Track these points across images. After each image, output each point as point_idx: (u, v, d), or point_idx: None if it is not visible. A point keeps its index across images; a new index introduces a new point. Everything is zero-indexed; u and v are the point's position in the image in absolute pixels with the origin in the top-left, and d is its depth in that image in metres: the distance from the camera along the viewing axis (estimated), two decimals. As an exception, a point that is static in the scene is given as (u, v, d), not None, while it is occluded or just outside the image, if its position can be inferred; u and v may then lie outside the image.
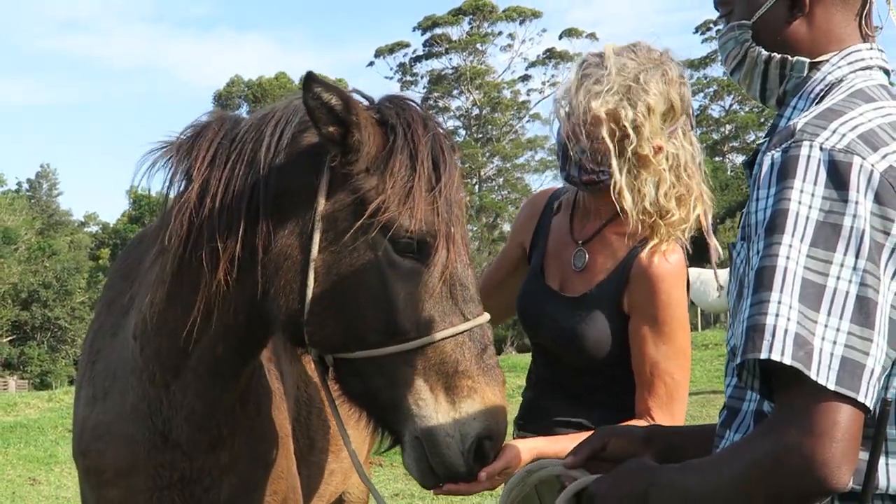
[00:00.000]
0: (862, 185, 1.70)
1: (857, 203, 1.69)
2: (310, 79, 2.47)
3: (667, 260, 2.95)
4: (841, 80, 1.93)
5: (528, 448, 2.72)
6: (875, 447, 1.72)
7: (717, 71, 67.03)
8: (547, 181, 63.81)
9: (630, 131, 2.87)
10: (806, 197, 1.71)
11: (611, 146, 2.88)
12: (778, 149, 1.78)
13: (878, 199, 1.71)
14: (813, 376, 1.64)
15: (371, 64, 69.73)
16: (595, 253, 3.08)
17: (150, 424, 2.87)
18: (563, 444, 2.72)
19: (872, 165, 1.72)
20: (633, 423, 2.88)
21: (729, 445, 1.80)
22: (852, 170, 1.71)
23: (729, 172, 60.05)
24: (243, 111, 67.36)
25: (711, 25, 64.81)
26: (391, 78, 68.44)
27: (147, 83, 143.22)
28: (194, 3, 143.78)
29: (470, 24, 66.23)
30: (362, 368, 2.52)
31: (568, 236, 3.16)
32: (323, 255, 2.51)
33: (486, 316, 2.56)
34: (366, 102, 2.64)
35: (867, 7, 2.00)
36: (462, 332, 2.49)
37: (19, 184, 76.02)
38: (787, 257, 1.69)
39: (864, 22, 2.00)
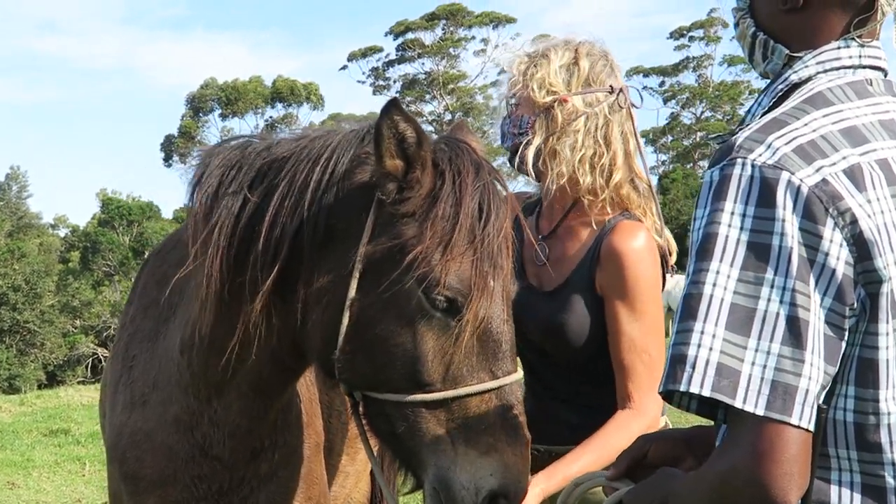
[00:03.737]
0: (789, 202, 1.69)
1: (783, 221, 1.69)
2: (393, 105, 2.42)
3: (632, 237, 2.99)
4: (806, 81, 1.90)
5: (534, 495, 2.71)
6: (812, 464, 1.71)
7: (689, 78, 67.48)
8: (519, 186, 63.84)
9: (535, 88, 3.03)
10: (736, 219, 1.71)
11: (525, 110, 3.08)
12: (717, 167, 1.77)
13: (806, 215, 1.69)
14: (738, 405, 1.66)
15: (344, 67, 69.65)
16: (561, 243, 3.15)
17: (190, 437, 2.87)
18: (560, 470, 2.80)
19: (801, 180, 1.70)
20: (618, 413, 2.93)
21: (707, 462, 1.82)
22: (779, 187, 1.70)
23: (700, 179, 60.37)
24: (216, 114, 67.25)
25: (684, 32, 65.28)
26: (363, 82, 68.49)
27: (121, 84, 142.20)
28: (169, 3, 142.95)
29: (443, 29, 66.27)
30: (388, 410, 2.51)
31: (535, 234, 3.23)
32: (359, 295, 2.48)
33: (518, 375, 2.52)
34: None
35: (873, 11, 1.92)
36: (489, 391, 2.45)
37: (-13, 185, 75.29)
38: (714, 284, 1.70)
39: (862, 24, 1.92)
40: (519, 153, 3.06)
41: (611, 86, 3.06)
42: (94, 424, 14.97)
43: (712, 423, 1.92)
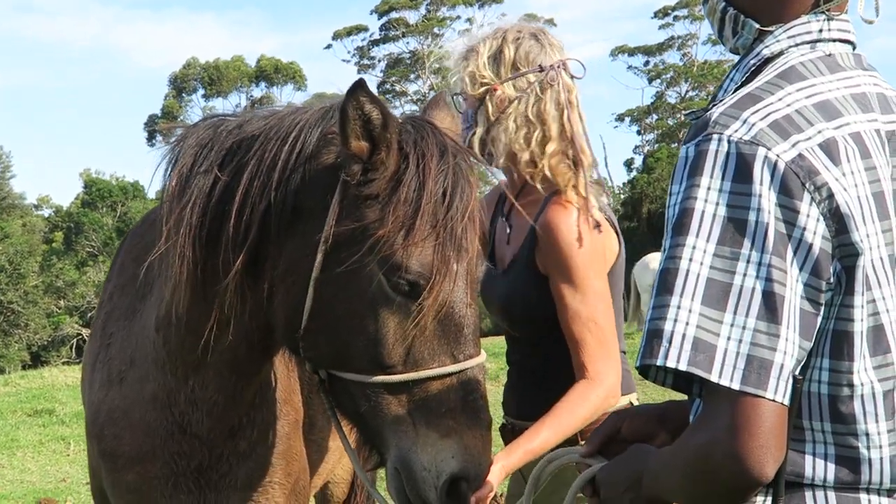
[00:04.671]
0: (765, 177, 1.69)
1: (760, 196, 1.69)
2: (359, 86, 2.41)
3: (562, 213, 3.04)
4: (778, 55, 1.89)
5: (496, 473, 2.74)
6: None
7: (673, 57, 67.44)
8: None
9: (468, 82, 3.13)
10: (713, 194, 1.71)
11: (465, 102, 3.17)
12: (692, 142, 1.78)
13: (783, 190, 1.69)
14: (714, 379, 1.67)
15: (329, 47, 69.26)
16: (515, 223, 3.23)
17: (168, 415, 2.88)
18: (521, 445, 2.86)
19: (777, 156, 1.70)
20: (576, 385, 2.97)
21: (682, 436, 1.83)
22: (756, 162, 1.70)
23: (685, 158, 60.31)
24: (199, 94, 66.90)
25: (669, 11, 65.19)
26: (348, 61, 68.06)
27: (102, 65, 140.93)
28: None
29: (427, 8, 66.00)
30: (352, 390, 2.52)
31: (501, 215, 3.33)
32: (323, 276, 2.49)
33: (480, 358, 2.53)
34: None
35: None
36: (450, 374, 2.47)
37: (-30, 166, 74.75)
38: (690, 259, 1.70)
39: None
40: (467, 144, 3.11)
41: (540, 65, 3.10)
42: (78, 404, 14.93)
43: (686, 397, 1.94)
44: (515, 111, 3.08)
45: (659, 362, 1.71)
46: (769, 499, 1.77)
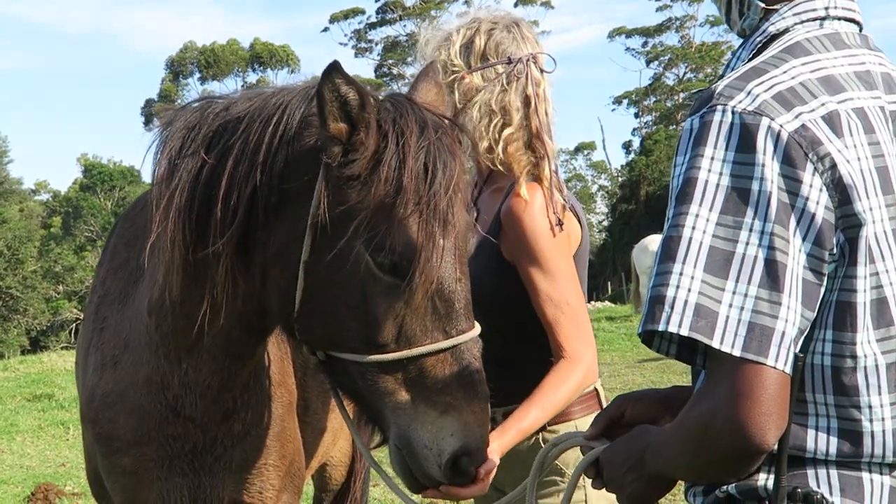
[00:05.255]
0: (769, 147, 1.71)
1: (763, 166, 1.70)
2: (333, 68, 2.39)
3: (525, 197, 3.06)
4: (784, 32, 1.90)
5: (494, 451, 2.75)
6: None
7: (671, 39, 67.32)
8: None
9: (440, 70, 3.11)
10: (716, 164, 1.72)
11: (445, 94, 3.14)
12: (697, 114, 1.79)
13: (786, 160, 1.70)
14: (715, 345, 1.68)
15: (325, 30, 69.24)
16: (482, 209, 3.24)
17: (161, 398, 2.88)
18: (512, 425, 2.91)
19: (781, 126, 1.71)
20: (556, 366, 3.01)
21: (683, 410, 1.83)
22: (759, 132, 1.71)
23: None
24: (196, 78, 66.80)
25: (667, -7, 64.97)
26: (345, 45, 68.06)
27: (98, 48, 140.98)
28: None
29: (425, -10, 65.83)
30: (350, 369, 2.53)
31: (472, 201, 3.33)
32: (312, 258, 2.48)
33: (473, 332, 2.53)
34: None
35: None
36: (443, 350, 2.46)
37: (-32, 151, 74.62)
38: (693, 227, 1.71)
39: None
40: None
41: (509, 57, 3.13)
42: (76, 390, 14.97)
43: (689, 383, 1.93)
44: (481, 100, 3.10)
45: (660, 327, 1.71)
46: (771, 476, 1.78)
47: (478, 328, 2.55)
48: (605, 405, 3.16)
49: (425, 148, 2.45)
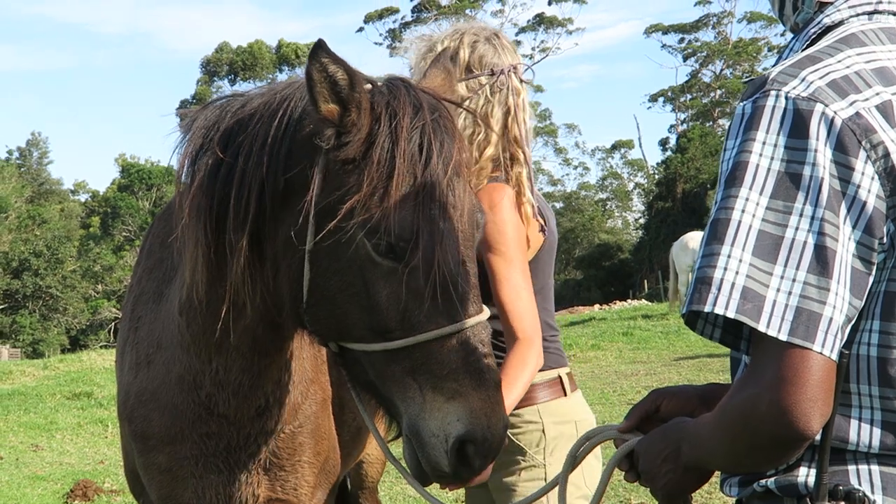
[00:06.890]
0: (822, 133, 1.70)
1: (815, 151, 1.69)
2: (318, 47, 2.36)
3: (497, 191, 3.15)
4: (839, 24, 1.90)
5: None
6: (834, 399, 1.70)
7: (708, 35, 66.86)
8: (536, 148, 63.76)
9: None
10: (768, 148, 1.72)
11: None
12: (749, 99, 1.78)
13: (839, 146, 1.69)
14: (762, 329, 1.66)
15: (361, 30, 69.33)
16: None
17: (195, 396, 2.90)
18: None
19: (835, 113, 1.70)
20: (513, 348, 3.06)
21: (724, 397, 1.82)
22: (812, 118, 1.70)
23: (720, 138, 59.95)
24: (231, 79, 67.04)
25: (703, -11, 64.54)
26: (380, 44, 68.10)
27: (133, 49, 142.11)
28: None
29: (460, -11, 65.79)
30: (361, 360, 2.51)
31: None
32: (317, 247, 2.46)
33: (479, 316, 2.48)
34: (368, 86, 2.51)
35: None
36: (448, 335, 2.40)
37: (10, 152, 75.55)
38: (743, 210, 1.70)
39: None
40: None
41: (492, 69, 3.24)
42: (115, 387, 15.13)
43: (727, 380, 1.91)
44: (465, 112, 3.13)
45: (707, 308, 1.70)
46: (812, 471, 1.76)
47: (486, 312, 2.50)
48: (567, 392, 3.29)
49: (419, 128, 2.42)
